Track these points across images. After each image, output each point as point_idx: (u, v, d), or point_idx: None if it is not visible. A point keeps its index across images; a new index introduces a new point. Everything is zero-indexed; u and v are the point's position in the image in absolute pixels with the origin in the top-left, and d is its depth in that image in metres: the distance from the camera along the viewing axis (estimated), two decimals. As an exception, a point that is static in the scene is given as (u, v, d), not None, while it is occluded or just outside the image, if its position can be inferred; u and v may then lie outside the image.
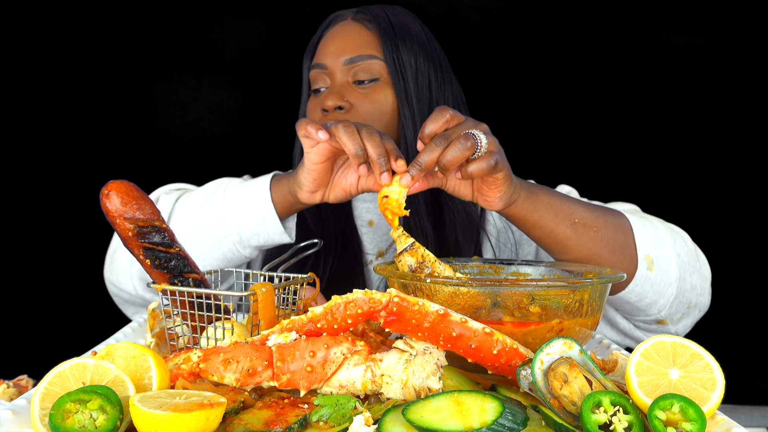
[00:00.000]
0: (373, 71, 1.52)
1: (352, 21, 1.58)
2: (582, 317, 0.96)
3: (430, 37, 1.62)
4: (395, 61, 1.53)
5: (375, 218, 1.63)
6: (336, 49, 1.54)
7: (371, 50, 1.53)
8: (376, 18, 1.57)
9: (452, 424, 0.70)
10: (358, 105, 1.50)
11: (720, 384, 0.76)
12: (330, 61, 1.54)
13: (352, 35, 1.56)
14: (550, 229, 1.24)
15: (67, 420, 0.72)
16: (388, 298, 0.84)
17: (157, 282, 1.00)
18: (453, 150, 1.07)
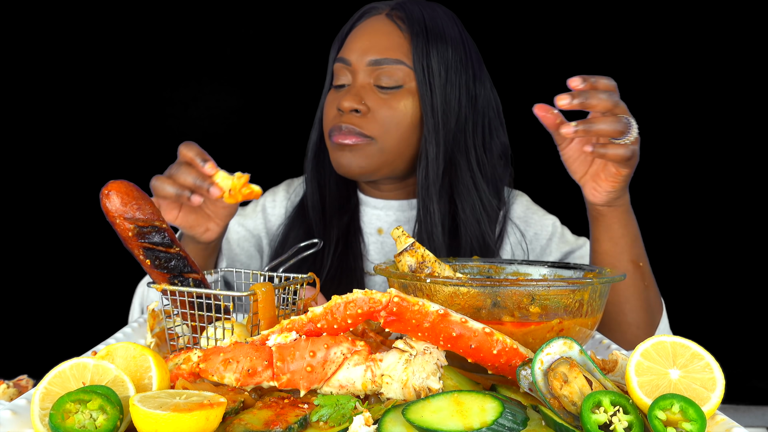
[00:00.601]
0: (398, 77, 1.45)
1: (385, 18, 1.50)
2: (582, 317, 0.96)
3: (468, 43, 1.53)
4: (425, 70, 1.46)
5: (385, 227, 1.60)
6: (363, 46, 1.47)
7: (399, 54, 1.46)
8: (411, 18, 1.48)
9: (452, 424, 0.70)
10: (376, 110, 1.45)
11: (720, 384, 0.76)
12: (355, 58, 1.48)
13: (382, 34, 1.48)
14: (616, 253, 1.26)
15: (67, 420, 0.72)
16: (388, 298, 0.84)
17: (157, 282, 1.00)
18: (607, 120, 1.07)
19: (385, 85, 1.45)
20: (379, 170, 1.50)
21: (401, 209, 1.60)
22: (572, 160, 1.22)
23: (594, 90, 1.09)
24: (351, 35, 1.52)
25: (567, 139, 1.20)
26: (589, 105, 1.09)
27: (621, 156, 1.12)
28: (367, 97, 1.46)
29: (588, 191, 1.23)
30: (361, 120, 1.45)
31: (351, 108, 1.44)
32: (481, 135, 1.52)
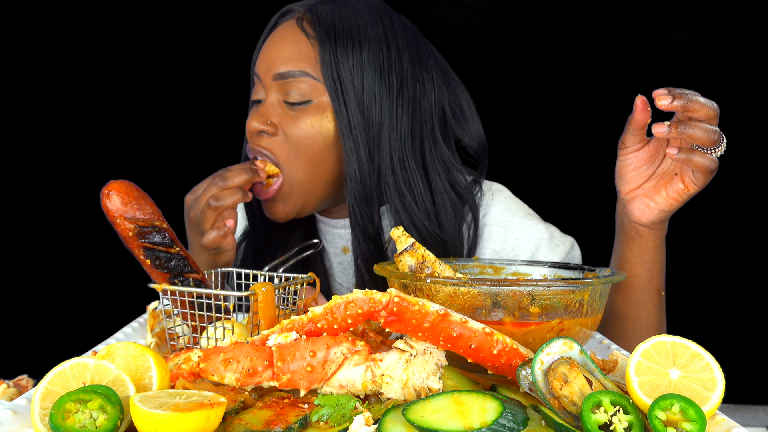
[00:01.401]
0: (304, 91, 1.30)
1: (294, 24, 1.33)
2: (582, 317, 0.96)
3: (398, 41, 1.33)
4: (336, 83, 1.28)
5: (350, 245, 1.45)
6: (270, 57, 1.32)
7: (304, 65, 1.30)
8: (319, 22, 1.31)
9: (452, 424, 0.70)
10: (286, 129, 1.31)
11: (720, 384, 0.76)
12: (263, 71, 1.33)
13: (288, 43, 1.31)
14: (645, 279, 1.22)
15: (68, 420, 0.72)
16: (388, 298, 0.84)
17: (157, 282, 1.00)
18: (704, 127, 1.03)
19: (293, 101, 1.30)
20: (306, 205, 1.36)
21: None
22: (631, 168, 1.15)
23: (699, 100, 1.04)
24: (264, 45, 1.37)
25: (635, 144, 1.14)
26: (690, 109, 1.03)
27: (705, 166, 1.06)
28: (274, 115, 1.31)
29: (636, 207, 1.16)
30: (271, 142, 1.31)
31: (258, 129, 1.31)
32: (419, 144, 1.35)
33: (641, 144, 1.16)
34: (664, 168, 1.16)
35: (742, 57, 2.07)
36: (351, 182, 1.30)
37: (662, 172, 1.17)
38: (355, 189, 1.31)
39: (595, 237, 1.61)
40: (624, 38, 2.08)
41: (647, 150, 1.16)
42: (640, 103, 1.09)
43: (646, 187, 1.16)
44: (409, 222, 1.33)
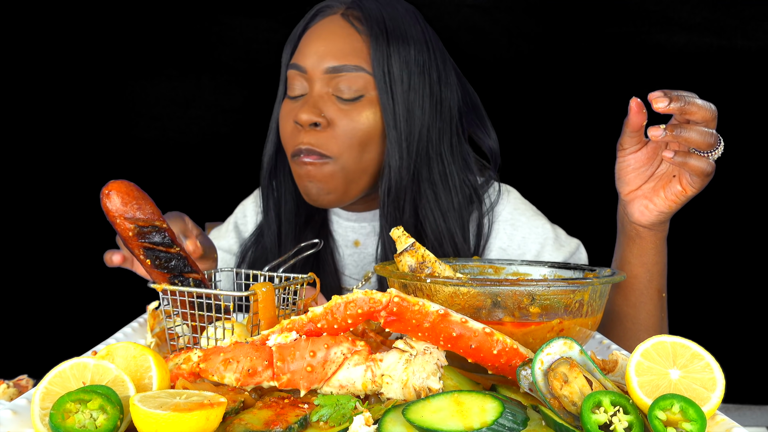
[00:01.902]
0: (358, 86, 1.33)
1: (341, 18, 1.36)
2: (582, 317, 0.96)
3: (431, 42, 1.40)
4: (386, 77, 1.32)
5: (362, 239, 1.50)
6: (318, 51, 1.34)
7: (359, 60, 1.33)
8: (369, 18, 1.35)
9: (452, 424, 0.70)
10: (337, 123, 1.33)
11: (720, 384, 0.76)
12: (310, 65, 1.34)
13: (339, 37, 1.34)
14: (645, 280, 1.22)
15: (68, 420, 0.72)
16: (388, 298, 0.84)
17: (157, 282, 1.00)
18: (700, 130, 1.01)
19: (346, 97, 1.33)
20: (348, 193, 1.39)
21: (376, 219, 1.50)
22: (630, 170, 1.15)
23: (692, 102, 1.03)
24: (305, 38, 1.38)
25: (632, 146, 1.14)
26: (688, 111, 1.02)
27: (702, 169, 1.05)
28: (326, 108, 1.33)
29: (635, 208, 1.16)
30: (321, 134, 1.33)
31: (310, 121, 1.32)
32: (448, 141, 1.41)
33: (639, 146, 1.15)
34: (662, 169, 1.16)
35: (742, 57, 2.07)
36: (389, 173, 1.35)
37: (661, 173, 1.16)
38: (393, 179, 1.35)
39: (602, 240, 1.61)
40: (624, 38, 2.08)
41: (645, 152, 1.16)
42: (634, 105, 1.09)
43: (646, 188, 1.16)
44: (438, 214, 1.38)
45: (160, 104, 2.18)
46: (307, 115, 1.32)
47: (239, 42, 2.14)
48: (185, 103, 2.16)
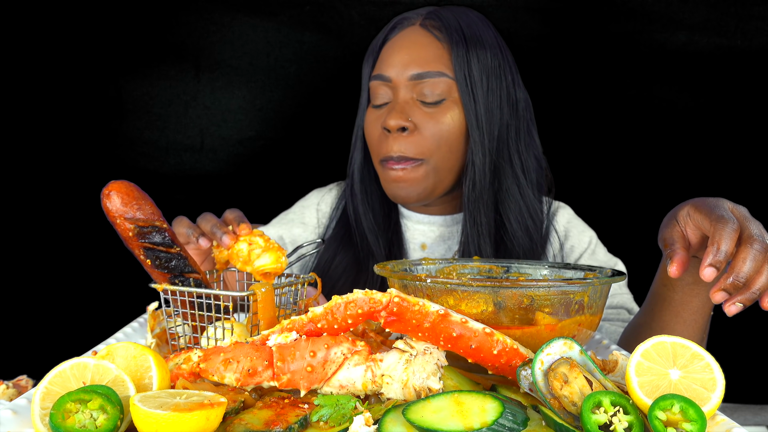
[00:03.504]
0: (441, 90, 1.41)
1: (420, 28, 1.45)
2: (582, 318, 0.96)
3: (503, 46, 1.48)
4: (467, 80, 1.40)
5: (428, 242, 1.56)
6: (402, 60, 1.42)
7: (440, 66, 1.41)
8: (448, 27, 1.43)
9: (452, 425, 0.70)
10: (423, 126, 1.41)
11: (720, 384, 0.76)
12: (394, 74, 1.42)
13: (420, 46, 1.43)
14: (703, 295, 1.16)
15: (68, 419, 0.72)
16: (388, 298, 0.84)
17: (157, 282, 1.00)
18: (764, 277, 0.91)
19: (430, 100, 1.41)
20: (434, 191, 1.47)
21: (445, 224, 1.57)
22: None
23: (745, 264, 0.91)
24: (386, 50, 1.47)
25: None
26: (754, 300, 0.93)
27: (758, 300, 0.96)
28: (412, 113, 1.41)
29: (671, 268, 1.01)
30: (409, 138, 1.41)
31: (399, 126, 1.40)
32: (523, 140, 1.50)
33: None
34: None
35: (742, 57, 2.07)
36: (473, 170, 1.43)
37: None
38: (477, 176, 1.43)
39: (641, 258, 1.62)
40: (623, 37, 2.08)
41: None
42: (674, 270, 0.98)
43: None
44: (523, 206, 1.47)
45: (160, 104, 2.18)
46: (395, 121, 1.39)
47: (239, 42, 2.14)
48: (185, 103, 2.16)
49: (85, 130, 2.18)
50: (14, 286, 2.19)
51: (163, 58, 2.16)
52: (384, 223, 1.57)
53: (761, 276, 0.91)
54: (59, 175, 2.18)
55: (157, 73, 2.16)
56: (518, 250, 1.47)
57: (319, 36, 2.14)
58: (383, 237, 1.55)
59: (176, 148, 2.21)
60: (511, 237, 1.46)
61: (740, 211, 0.99)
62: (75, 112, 2.17)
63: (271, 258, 1.05)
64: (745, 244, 0.92)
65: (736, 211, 0.99)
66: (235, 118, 2.20)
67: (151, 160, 2.21)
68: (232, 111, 2.20)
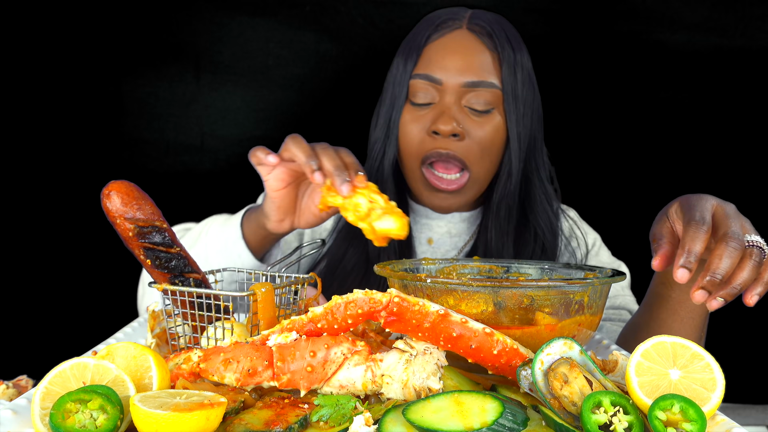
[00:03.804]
0: (489, 100, 1.41)
1: (468, 32, 1.44)
2: (582, 318, 0.96)
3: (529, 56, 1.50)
4: (513, 93, 1.42)
5: (435, 237, 1.56)
6: (455, 65, 1.41)
7: (491, 76, 1.41)
8: (497, 35, 1.43)
9: (452, 425, 0.70)
10: (472, 134, 1.42)
11: (720, 384, 0.76)
12: (446, 78, 1.41)
13: (473, 53, 1.42)
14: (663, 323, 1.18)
15: (68, 419, 0.72)
16: (388, 298, 0.84)
17: (157, 282, 1.00)
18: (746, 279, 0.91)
19: (479, 108, 1.41)
20: (471, 199, 1.50)
21: (453, 220, 1.57)
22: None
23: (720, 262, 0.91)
24: (434, 50, 1.44)
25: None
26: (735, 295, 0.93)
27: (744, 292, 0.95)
28: (462, 120, 1.41)
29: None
30: (458, 144, 1.41)
31: (452, 132, 1.39)
32: (543, 147, 1.53)
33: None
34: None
35: (742, 57, 2.07)
36: (508, 179, 1.46)
37: None
38: (512, 185, 1.46)
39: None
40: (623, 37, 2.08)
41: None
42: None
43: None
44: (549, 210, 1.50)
45: (160, 104, 2.18)
46: (449, 126, 1.39)
47: (239, 42, 2.14)
48: (185, 103, 2.16)
49: (85, 130, 2.18)
50: (14, 286, 2.19)
51: (163, 58, 2.16)
52: None
53: (742, 271, 0.92)
54: (60, 175, 2.18)
55: (157, 73, 2.16)
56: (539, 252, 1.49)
57: (319, 36, 2.14)
58: None
59: (176, 148, 2.21)
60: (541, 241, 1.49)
61: (724, 209, 0.99)
62: (75, 112, 2.17)
63: (397, 223, 1.03)
64: (721, 242, 0.93)
65: (719, 208, 0.99)
66: (235, 118, 2.20)
67: (151, 160, 2.21)
68: (232, 111, 2.20)
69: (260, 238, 1.31)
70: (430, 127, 1.42)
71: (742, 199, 2.17)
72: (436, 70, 1.43)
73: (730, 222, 0.95)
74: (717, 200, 1.01)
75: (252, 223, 1.31)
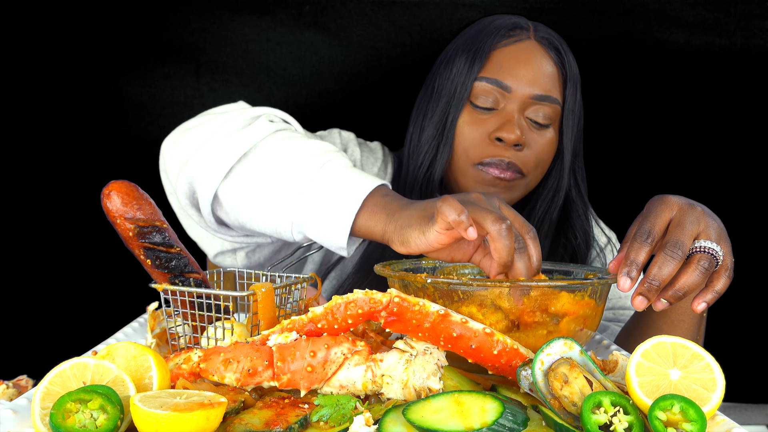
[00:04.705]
0: (550, 114, 1.43)
1: (537, 44, 1.45)
2: (582, 317, 0.96)
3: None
4: (572, 111, 1.45)
5: None
6: (527, 76, 1.41)
7: (556, 92, 1.44)
8: (561, 50, 1.45)
9: (453, 425, 0.70)
10: (532, 146, 1.42)
11: (720, 384, 0.76)
12: (516, 86, 1.41)
13: (543, 66, 1.43)
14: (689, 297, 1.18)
15: (68, 419, 0.72)
16: (388, 298, 0.84)
17: (158, 282, 1.00)
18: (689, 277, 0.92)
19: (541, 122, 1.43)
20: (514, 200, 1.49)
21: None
22: None
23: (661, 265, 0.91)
24: (504, 57, 1.43)
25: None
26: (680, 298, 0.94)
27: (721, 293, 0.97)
28: (524, 130, 1.41)
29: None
30: (519, 155, 1.42)
31: (517, 141, 1.39)
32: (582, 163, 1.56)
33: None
34: None
35: (742, 57, 2.07)
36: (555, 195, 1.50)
37: None
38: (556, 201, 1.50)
39: None
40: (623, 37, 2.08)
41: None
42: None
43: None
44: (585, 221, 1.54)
45: (160, 104, 2.18)
46: (514, 135, 1.39)
47: (239, 42, 2.14)
48: (185, 103, 2.16)
49: (85, 130, 2.18)
50: (14, 286, 2.19)
51: (163, 58, 2.16)
52: None
53: (685, 276, 0.92)
54: (59, 175, 2.18)
55: (157, 73, 2.16)
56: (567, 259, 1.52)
57: (319, 36, 2.13)
58: None
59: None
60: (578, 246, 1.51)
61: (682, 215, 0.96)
62: (75, 112, 2.17)
63: None
64: (660, 251, 0.93)
65: (678, 214, 0.96)
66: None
67: (151, 161, 2.21)
68: (232, 111, 2.20)
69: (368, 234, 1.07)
70: (492, 133, 1.40)
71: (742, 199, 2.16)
72: (505, 77, 1.41)
73: (678, 230, 0.94)
74: (681, 204, 0.97)
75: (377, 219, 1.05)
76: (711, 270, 0.93)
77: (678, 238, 0.92)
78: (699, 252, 0.93)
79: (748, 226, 2.13)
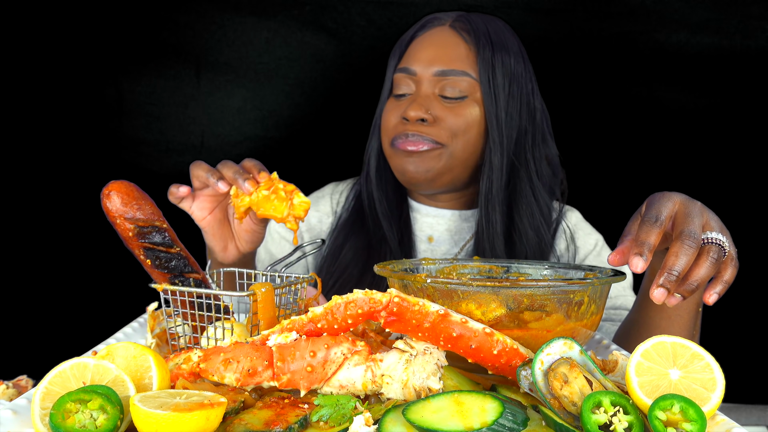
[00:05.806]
0: (462, 88, 1.47)
1: (449, 29, 1.52)
2: (582, 318, 0.96)
3: (525, 57, 1.56)
4: (490, 83, 1.48)
5: (435, 235, 1.60)
6: (428, 56, 1.49)
7: (465, 66, 1.47)
8: (476, 30, 1.50)
9: (452, 425, 0.70)
10: (443, 119, 1.47)
11: (720, 384, 0.76)
12: (420, 68, 1.49)
13: (448, 45, 1.49)
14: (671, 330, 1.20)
15: (68, 419, 0.72)
16: (388, 298, 0.84)
17: (157, 282, 1.00)
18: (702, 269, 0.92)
19: (450, 96, 1.47)
20: (442, 176, 1.51)
21: (453, 219, 1.61)
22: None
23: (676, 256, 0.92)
24: (414, 45, 1.53)
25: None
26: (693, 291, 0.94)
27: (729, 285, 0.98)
28: (432, 107, 1.47)
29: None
30: (428, 129, 1.46)
31: (418, 117, 1.46)
32: (538, 146, 1.55)
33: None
34: None
35: (742, 57, 2.07)
36: (491, 170, 1.48)
37: None
38: (494, 176, 1.48)
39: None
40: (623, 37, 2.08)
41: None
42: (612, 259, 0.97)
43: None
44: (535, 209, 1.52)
45: (160, 104, 2.18)
46: (415, 112, 1.46)
47: (239, 42, 2.14)
48: (185, 103, 2.16)
49: (85, 130, 2.18)
50: (14, 286, 2.19)
51: (163, 58, 2.16)
52: (396, 211, 1.61)
53: (698, 268, 0.93)
54: (59, 175, 2.18)
55: (157, 73, 2.16)
56: (527, 249, 1.50)
57: (319, 36, 2.13)
58: (396, 224, 1.59)
59: (176, 148, 2.21)
60: (522, 236, 1.51)
61: (686, 207, 0.98)
62: (75, 112, 2.17)
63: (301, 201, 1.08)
64: (676, 241, 0.93)
65: (682, 207, 0.99)
66: (235, 118, 2.20)
67: (151, 160, 2.20)
68: (232, 111, 2.20)
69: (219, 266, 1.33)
70: (401, 114, 1.49)
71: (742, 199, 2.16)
72: (411, 63, 1.51)
73: (688, 220, 0.96)
74: (682, 198, 1.01)
75: (213, 263, 1.35)
76: (720, 261, 0.94)
77: (691, 228, 0.94)
78: (708, 243, 0.94)
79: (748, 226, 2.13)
